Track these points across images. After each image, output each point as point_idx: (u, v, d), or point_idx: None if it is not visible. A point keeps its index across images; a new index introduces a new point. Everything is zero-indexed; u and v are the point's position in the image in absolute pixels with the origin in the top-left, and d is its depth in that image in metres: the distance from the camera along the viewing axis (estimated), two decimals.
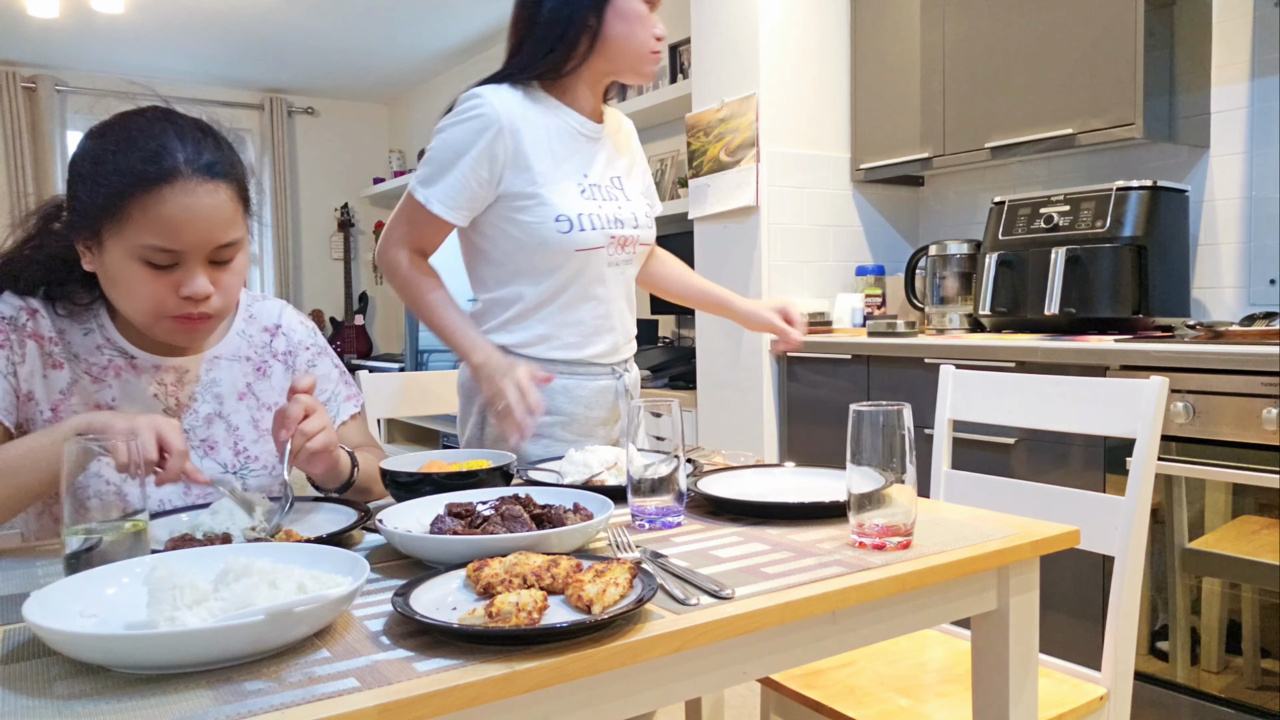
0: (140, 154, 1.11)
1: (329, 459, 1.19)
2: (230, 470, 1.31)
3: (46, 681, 0.71)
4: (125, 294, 1.16)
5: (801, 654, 0.90)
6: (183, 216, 1.11)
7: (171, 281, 1.14)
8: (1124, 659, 1.35)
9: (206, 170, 1.14)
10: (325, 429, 1.16)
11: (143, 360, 1.27)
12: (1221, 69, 2.45)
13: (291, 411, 1.14)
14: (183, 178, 1.11)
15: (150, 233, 1.11)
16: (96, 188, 1.12)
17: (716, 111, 3.06)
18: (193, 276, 1.15)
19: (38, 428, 1.21)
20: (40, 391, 1.21)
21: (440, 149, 1.56)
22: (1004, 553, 1.01)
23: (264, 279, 6.20)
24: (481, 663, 0.71)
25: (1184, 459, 1.91)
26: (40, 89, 5.45)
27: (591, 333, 1.65)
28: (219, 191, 1.15)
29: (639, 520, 1.11)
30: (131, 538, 0.90)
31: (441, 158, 1.55)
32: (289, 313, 1.44)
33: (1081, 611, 2.11)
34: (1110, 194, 2.37)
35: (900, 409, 1.00)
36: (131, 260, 1.13)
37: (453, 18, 4.78)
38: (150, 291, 1.14)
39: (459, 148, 1.54)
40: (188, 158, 1.13)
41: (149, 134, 1.13)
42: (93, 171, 1.13)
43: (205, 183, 1.13)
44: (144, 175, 1.10)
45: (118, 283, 1.16)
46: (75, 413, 1.22)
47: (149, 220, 1.10)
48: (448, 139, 1.55)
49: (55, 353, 1.23)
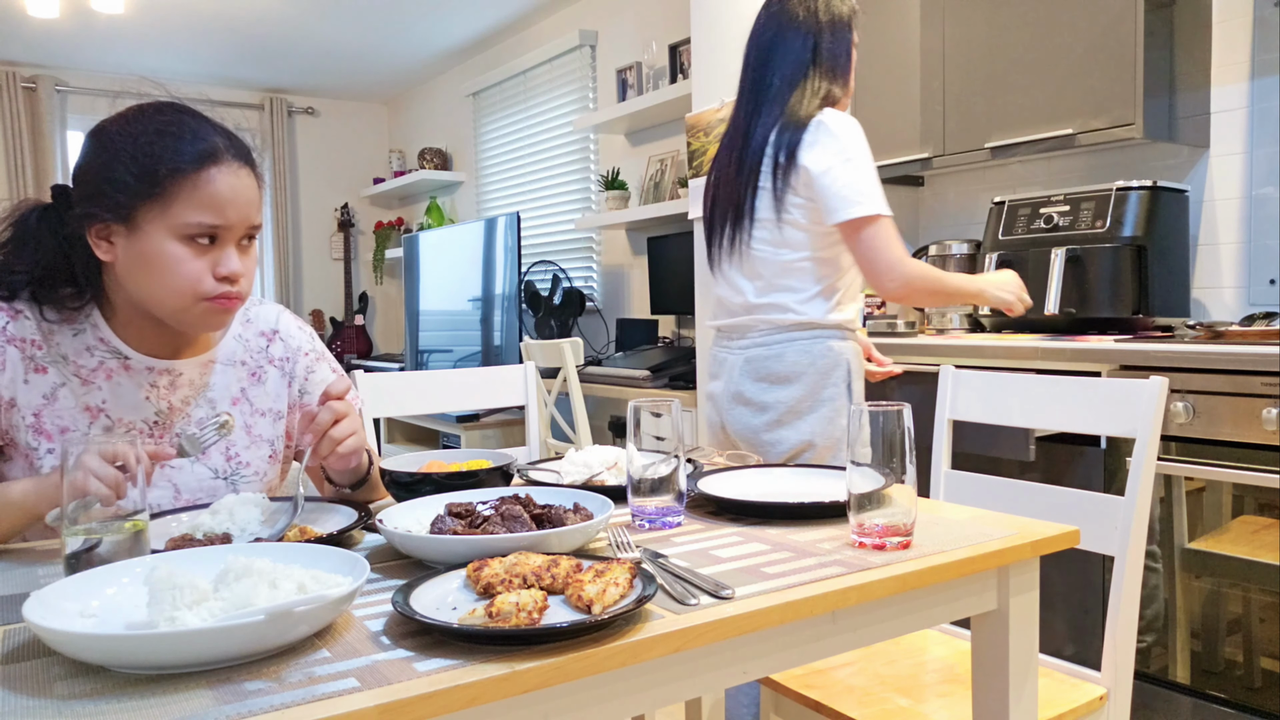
0: (181, 139, 1.16)
1: (357, 460, 1.23)
2: (221, 476, 1.31)
3: (47, 682, 0.71)
4: (161, 276, 1.17)
5: (801, 654, 0.90)
6: (228, 195, 1.16)
7: (210, 260, 1.17)
8: (1124, 659, 1.35)
9: (244, 156, 1.20)
10: (355, 433, 1.19)
11: (136, 362, 1.26)
12: (1221, 69, 2.45)
13: (321, 418, 1.16)
14: (226, 159, 1.17)
15: (198, 210, 1.15)
16: (133, 169, 1.14)
17: (716, 111, 3.06)
18: (229, 255, 1.18)
19: (20, 434, 1.21)
20: (22, 398, 1.21)
21: (865, 166, 1.80)
22: (1004, 553, 1.01)
23: (264, 279, 6.20)
24: (482, 663, 0.71)
25: (1184, 459, 1.91)
26: (40, 89, 5.45)
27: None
28: (251, 177, 1.21)
29: (639, 520, 1.11)
30: (131, 538, 0.90)
31: (869, 172, 1.80)
32: (286, 318, 1.44)
33: (1081, 611, 2.11)
34: (1110, 194, 2.37)
35: (900, 409, 1.00)
36: (173, 239, 1.15)
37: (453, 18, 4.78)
38: (190, 271, 1.16)
39: (870, 158, 1.82)
40: (226, 144, 1.19)
41: (182, 123, 1.18)
42: (130, 154, 1.15)
43: (243, 166, 1.20)
44: (192, 155, 1.15)
45: (153, 265, 1.16)
46: (60, 418, 1.22)
47: (198, 197, 1.15)
48: (864, 156, 1.81)
49: (39, 356, 1.22)
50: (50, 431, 1.21)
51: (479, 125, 5.52)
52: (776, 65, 1.89)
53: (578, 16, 4.58)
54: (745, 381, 1.89)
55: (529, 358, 3.55)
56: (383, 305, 6.72)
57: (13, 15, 4.56)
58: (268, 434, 1.37)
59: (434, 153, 5.77)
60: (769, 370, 1.87)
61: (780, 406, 1.85)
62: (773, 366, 1.86)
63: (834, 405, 1.84)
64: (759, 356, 1.88)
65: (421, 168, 5.74)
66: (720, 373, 2.00)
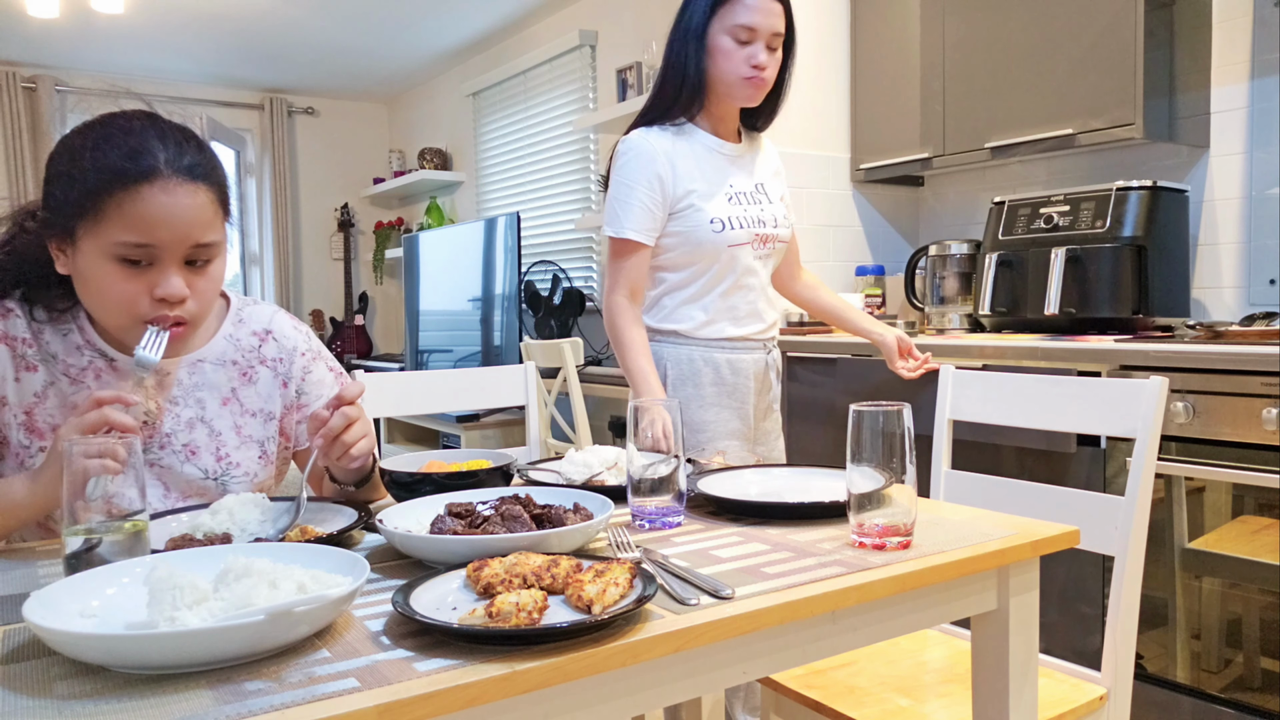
0: (119, 152, 1.10)
1: (362, 461, 1.21)
2: (211, 476, 1.30)
3: (47, 682, 0.71)
4: (97, 295, 1.14)
5: (801, 654, 0.90)
6: (159, 214, 1.10)
7: (146, 282, 1.13)
8: (1124, 659, 1.35)
9: (187, 171, 1.13)
10: (367, 437, 1.17)
11: (123, 363, 1.25)
12: (1221, 69, 2.45)
13: (334, 423, 1.14)
14: (162, 177, 1.11)
15: (125, 229, 1.09)
16: (72, 185, 1.10)
17: None
18: (167, 277, 1.13)
19: (11, 432, 1.20)
20: (13, 395, 1.20)
21: (615, 191, 1.88)
22: (1004, 553, 1.01)
23: (264, 279, 6.20)
24: (481, 663, 0.71)
25: (1184, 459, 1.91)
26: (40, 89, 5.45)
27: (745, 315, 1.97)
28: (199, 193, 1.14)
29: (639, 520, 1.11)
30: (131, 538, 0.90)
31: (619, 195, 1.88)
32: (281, 318, 1.42)
33: (1081, 611, 2.11)
34: (1110, 194, 2.37)
35: (900, 409, 1.00)
36: (105, 259, 1.11)
37: (452, 18, 4.78)
38: (123, 292, 1.12)
39: (630, 182, 1.87)
40: (168, 158, 1.12)
41: (129, 132, 1.12)
42: (68, 169, 1.12)
43: (185, 183, 1.12)
44: (123, 172, 1.09)
45: (90, 284, 1.14)
46: (51, 415, 1.21)
47: (124, 217, 1.09)
48: (619, 180, 1.88)
49: (29, 354, 1.21)
50: (42, 429, 1.21)
51: (479, 125, 5.52)
52: None
53: (578, 16, 4.58)
54: None
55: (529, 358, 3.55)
56: (383, 305, 6.72)
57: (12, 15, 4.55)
58: (258, 434, 1.36)
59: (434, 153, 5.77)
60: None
61: None
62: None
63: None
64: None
65: (421, 168, 5.73)
66: None
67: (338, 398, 1.15)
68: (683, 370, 1.94)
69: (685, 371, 1.94)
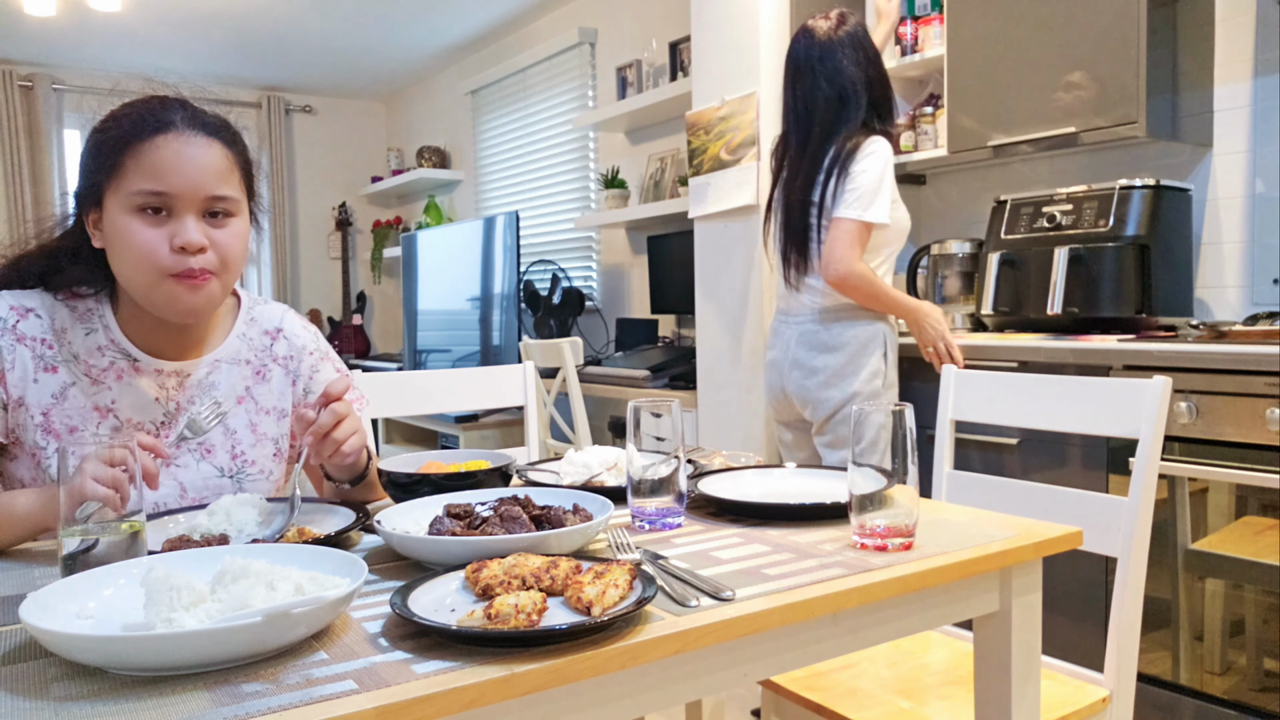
0: (140, 112, 1.16)
1: (355, 458, 1.21)
2: (226, 474, 1.31)
3: (43, 683, 0.70)
4: (123, 252, 1.16)
5: (803, 656, 0.90)
6: (172, 160, 1.14)
7: (165, 232, 1.15)
8: (1127, 660, 1.34)
9: (203, 126, 1.18)
10: (357, 433, 1.17)
11: (145, 363, 1.26)
12: (1224, 67, 2.45)
13: (322, 420, 1.14)
14: (177, 129, 1.16)
15: (141, 177, 1.14)
16: (98, 152, 1.16)
17: (717, 109, 3.05)
18: (185, 226, 1.15)
19: (28, 434, 1.20)
20: (31, 397, 1.20)
21: (869, 182, 2.18)
22: (1006, 554, 1.00)
23: (261, 278, 6.20)
24: (480, 665, 0.71)
25: (1187, 459, 1.91)
26: (37, 88, 5.44)
27: None
28: (213, 147, 1.18)
29: (639, 521, 1.11)
30: (128, 539, 0.89)
31: (872, 187, 2.19)
32: (291, 317, 1.43)
33: (1084, 613, 2.10)
34: (1113, 193, 2.36)
35: (901, 409, 1.00)
36: (126, 213, 1.15)
37: (451, 15, 4.78)
38: (144, 242, 1.14)
39: (885, 175, 2.20)
40: (186, 116, 1.18)
41: (154, 103, 1.19)
42: (97, 141, 1.17)
43: (200, 135, 1.17)
44: (141, 127, 1.15)
45: (115, 243, 1.17)
46: (69, 418, 1.21)
47: (140, 166, 1.14)
48: (876, 173, 2.19)
49: (49, 355, 1.21)
50: (59, 431, 1.21)
51: (478, 123, 5.51)
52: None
53: (577, 14, 4.58)
54: (800, 350, 2.35)
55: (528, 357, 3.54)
56: (381, 305, 6.71)
57: (9, 13, 4.55)
58: (272, 432, 1.37)
59: (432, 151, 5.76)
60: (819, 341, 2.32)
61: (826, 371, 2.30)
62: (822, 339, 2.31)
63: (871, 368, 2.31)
64: (810, 331, 2.32)
65: (420, 166, 5.73)
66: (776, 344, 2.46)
67: (324, 395, 1.15)
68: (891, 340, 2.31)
69: (892, 341, 2.31)
